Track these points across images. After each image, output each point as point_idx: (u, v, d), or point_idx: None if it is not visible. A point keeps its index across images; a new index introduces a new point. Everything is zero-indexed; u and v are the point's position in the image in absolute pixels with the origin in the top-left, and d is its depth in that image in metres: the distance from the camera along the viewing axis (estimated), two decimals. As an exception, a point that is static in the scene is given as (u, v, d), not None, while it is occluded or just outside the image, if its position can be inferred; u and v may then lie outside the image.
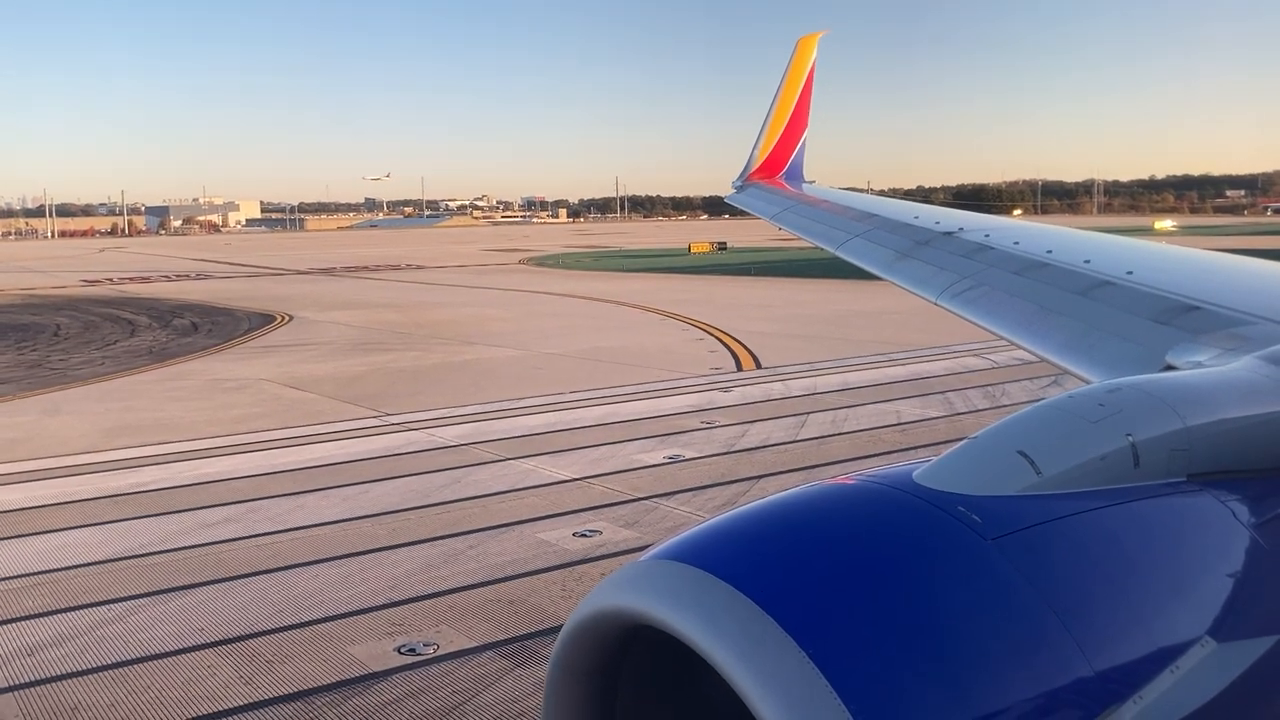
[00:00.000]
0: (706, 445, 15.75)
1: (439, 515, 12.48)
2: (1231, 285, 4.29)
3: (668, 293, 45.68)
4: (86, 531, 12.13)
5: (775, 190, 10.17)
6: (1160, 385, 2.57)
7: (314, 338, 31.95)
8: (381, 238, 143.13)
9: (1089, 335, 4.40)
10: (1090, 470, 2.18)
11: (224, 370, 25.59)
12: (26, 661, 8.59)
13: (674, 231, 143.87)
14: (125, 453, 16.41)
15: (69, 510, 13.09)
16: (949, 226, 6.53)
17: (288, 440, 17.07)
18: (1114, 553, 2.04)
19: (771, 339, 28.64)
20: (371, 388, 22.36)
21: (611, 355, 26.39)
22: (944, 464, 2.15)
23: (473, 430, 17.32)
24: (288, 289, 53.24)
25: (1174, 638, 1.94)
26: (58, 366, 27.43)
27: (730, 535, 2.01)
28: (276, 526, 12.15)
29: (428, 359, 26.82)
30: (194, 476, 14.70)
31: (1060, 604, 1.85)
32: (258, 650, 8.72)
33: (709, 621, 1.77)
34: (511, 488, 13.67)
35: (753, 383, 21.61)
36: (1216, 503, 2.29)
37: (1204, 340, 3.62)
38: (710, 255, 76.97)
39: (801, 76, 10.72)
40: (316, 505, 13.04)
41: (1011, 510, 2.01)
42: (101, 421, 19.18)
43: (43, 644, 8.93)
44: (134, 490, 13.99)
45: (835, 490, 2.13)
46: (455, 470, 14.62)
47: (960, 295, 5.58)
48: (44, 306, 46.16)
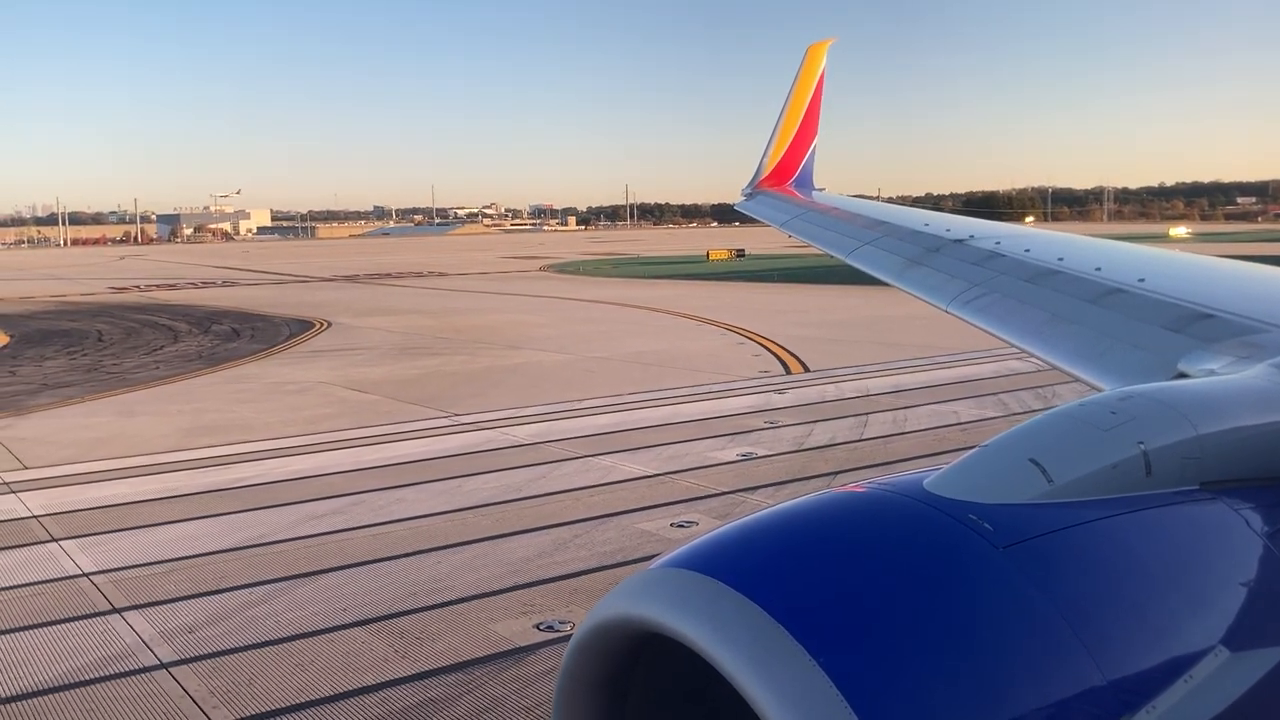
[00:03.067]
0: (775, 444, 16.33)
1: (537, 507, 13.07)
2: (1244, 293, 4.27)
3: (695, 299, 46.23)
4: (203, 523, 12.73)
5: (785, 198, 10.20)
6: (1172, 393, 2.57)
7: (358, 343, 32.56)
8: (396, 245, 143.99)
9: (1100, 343, 4.39)
10: (1102, 479, 2.18)
11: (279, 374, 26.20)
12: (190, 639, 9.19)
13: (687, 239, 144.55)
14: (211, 451, 17.02)
15: (177, 504, 13.71)
16: (959, 234, 6.54)
17: (368, 439, 17.67)
18: (1126, 561, 2.04)
19: (811, 343, 29.19)
20: (431, 390, 22.97)
21: (657, 359, 26.98)
22: (955, 472, 2.16)
23: (544, 429, 17.92)
24: (317, 296, 53.89)
25: (1187, 647, 1.93)
26: (113, 370, 28.08)
27: (740, 543, 2.02)
28: (384, 518, 12.75)
29: (476, 363, 27.42)
30: (288, 473, 15.31)
31: (1072, 613, 1.85)
32: (404, 628, 9.31)
33: (719, 630, 1.77)
34: (597, 483, 14.27)
35: (805, 385, 22.20)
36: (1229, 511, 2.28)
37: (1217, 348, 3.60)
38: (729, 262, 77.56)
39: (811, 84, 10.77)
40: (416, 499, 13.64)
41: (1023, 519, 2.02)
42: (178, 422, 19.79)
43: (199, 623, 9.53)
44: (234, 485, 14.61)
45: (846, 498, 2.13)
46: (540, 466, 15.22)
47: (971, 303, 5.58)
48: (79, 313, 46.78)
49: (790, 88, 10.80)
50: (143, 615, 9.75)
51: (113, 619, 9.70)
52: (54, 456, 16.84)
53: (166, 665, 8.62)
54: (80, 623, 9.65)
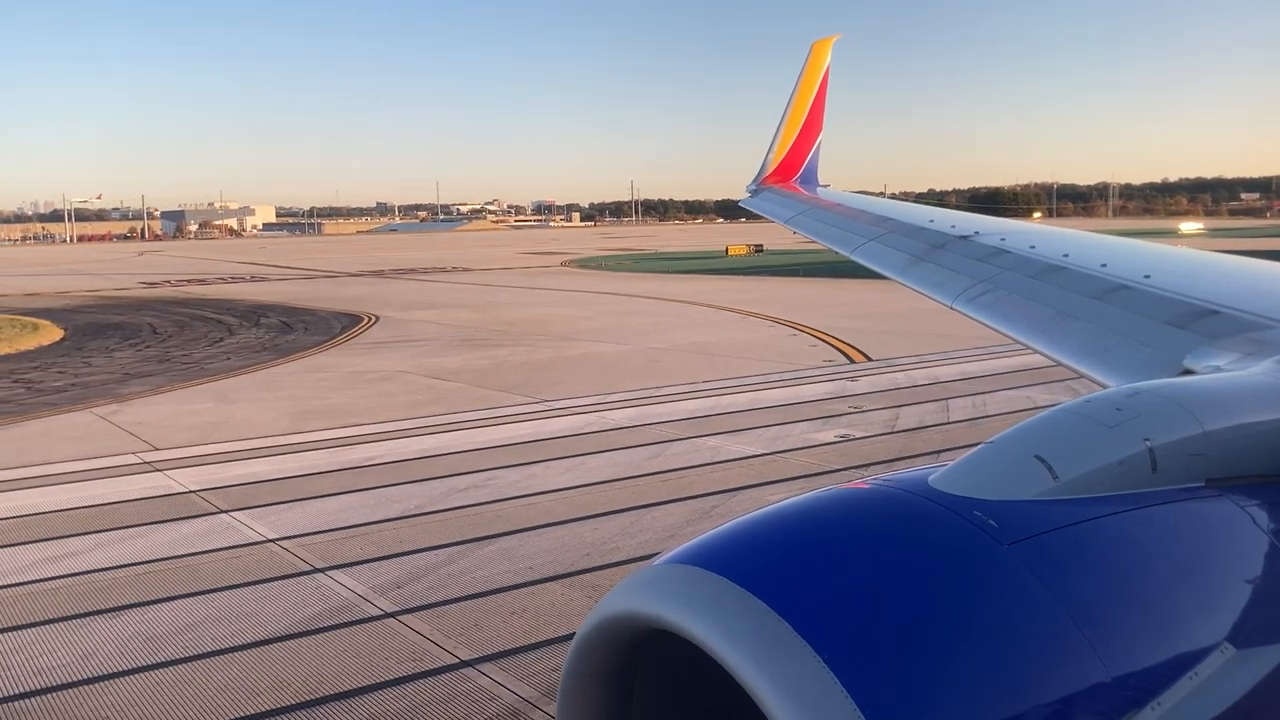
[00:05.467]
0: (867, 426, 17.27)
1: (665, 482, 14.01)
2: (1250, 289, 4.27)
3: (728, 293, 47.08)
4: (356, 496, 13.66)
5: (790, 194, 10.19)
6: (1178, 390, 2.58)
7: (412, 335, 33.40)
8: (409, 241, 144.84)
9: (1106, 339, 4.38)
10: (1107, 475, 2.18)
11: (353, 364, 27.08)
12: (400, 593, 10.11)
13: (699, 235, 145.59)
14: (328, 433, 17.93)
15: (322, 480, 14.63)
16: (964, 230, 6.53)
17: (473, 423, 18.60)
18: (1131, 558, 2.04)
19: (863, 335, 30.08)
20: (510, 378, 23.88)
21: (717, 349, 27.89)
22: (960, 468, 2.17)
23: (638, 414, 18.84)
24: (351, 290, 54.64)
25: (1192, 644, 1.93)
26: (186, 361, 28.89)
27: (744, 539, 2.02)
28: (525, 491, 13.69)
29: (540, 354, 28.29)
30: (412, 452, 16.24)
31: (1077, 609, 1.85)
32: (594, 582, 10.25)
33: (723, 625, 1.78)
34: (709, 461, 15.20)
35: (875, 373, 23.16)
36: (1235, 508, 2.28)
37: (1222, 344, 3.60)
38: (748, 257, 78.59)
39: (816, 81, 10.77)
40: (545, 474, 14.57)
41: (1028, 515, 2.02)
42: (280, 408, 20.70)
43: (402, 580, 10.46)
44: (368, 463, 15.55)
45: (850, 494, 2.14)
46: (650, 446, 16.15)
47: (976, 299, 5.56)
48: (121, 307, 47.43)
49: (795, 84, 10.86)
50: (346, 574, 10.68)
51: (320, 577, 10.63)
52: (177, 439, 17.74)
53: (392, 614, 9.56)
54: (291, 581, 10.58)
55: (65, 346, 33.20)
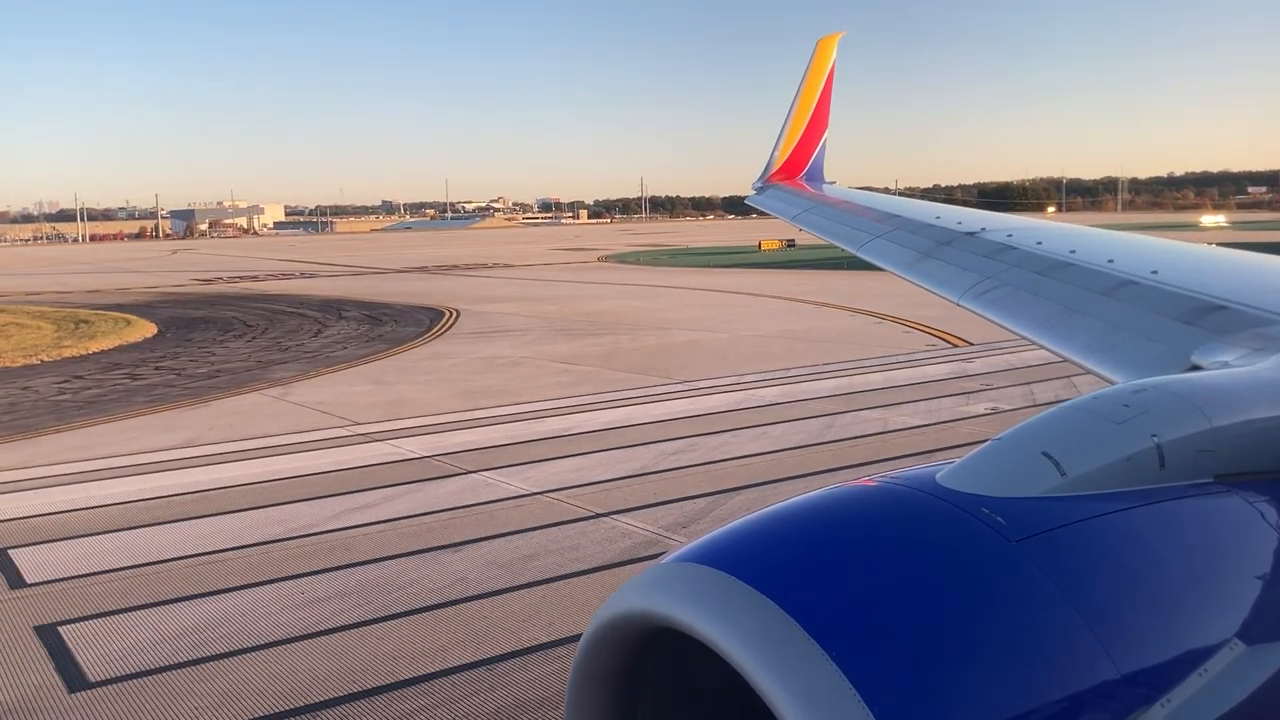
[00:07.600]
0: (1009, 401, 18.89)
1: (851, 448, 15.64)
2: (1258, 284, 4.27)
3: (784, 285, 48.42)
4: (582, 459, 15.23)
5: (796, 191, 10.23)
6: (1186, 386, 2.59)
7: (506, 326, 34.78)
8: (429, 239, 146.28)
9: (1113, 335, 4.38)
10: (1115, 471, 2.19)
11: (471, 351, 28.55)
12: (688, 531, 11.68)
13: (718, 230, 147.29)
14: (502, 410, 19.46)
15: (538, 446, 16.16)
16: (971, 227, 6.54)
17: (632, 400, 20.21)
18: (1140, 555, 2.05)
19: (951, 321, 31.04)
20: (635, 362, 25.43)
21: (813, 336, 29.46)
22: (967, 465, 2.18)
23: (783, 392, 20.44)
24: (409, 285, 55.74)
25: (1202, 640, 1.94)
26: (304, 350, 30.17)
27: (752, 537, 2.04)
28: (731, 454, 15.28)
29: (645, 341, 29.79)
30: (601, 424, 17.84)
31: (1086, 606, 1.86)
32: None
33: (731, 624, 1.80)
34: (878, 430, 16.81)
35: (985, 355, 24.71)
36: (1244, 504, 2.29)
37: (1230, 340, 3.60)
38: (783, 251, 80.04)
39: (821, 77, 10.81)
40: (739, 443, 16.15)
41: (1036, 512, 2.04)
42: (440, 390, 22.24)
43: (685, 521, 12.02)
44: (569, 432, 17.15)
45: (858, 492, 2.15)
46: (819, 419, 17.73)
47: (983, 295, 5.56)
48: (194, 303, 48.35)
49: (800, 81, 10.91)
50: (630, 517, 12.27)
51: (606, 520, 12.22)
52: (371, 415, 19.27)
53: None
54: (585, 523, 12.13)
55: (169, 339, 34.14)
